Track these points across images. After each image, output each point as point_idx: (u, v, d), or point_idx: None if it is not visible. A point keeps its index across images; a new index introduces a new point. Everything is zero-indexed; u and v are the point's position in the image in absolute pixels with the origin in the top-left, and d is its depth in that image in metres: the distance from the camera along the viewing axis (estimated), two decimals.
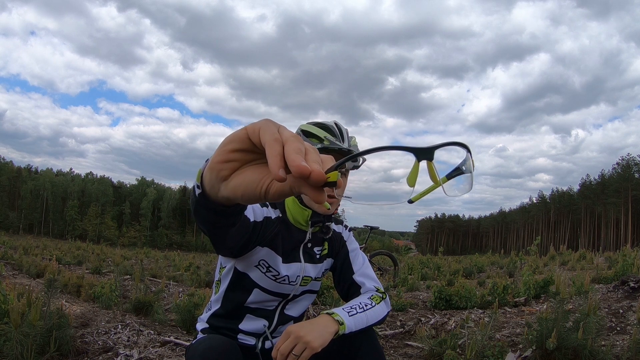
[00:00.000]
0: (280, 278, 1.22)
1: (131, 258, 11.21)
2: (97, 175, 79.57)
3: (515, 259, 8.65)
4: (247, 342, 1.27)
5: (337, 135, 1.25)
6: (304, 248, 1.28)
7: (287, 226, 1.25)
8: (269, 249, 1.20)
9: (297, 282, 1.26)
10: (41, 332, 2.06)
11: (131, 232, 70.09)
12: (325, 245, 1.34)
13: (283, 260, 1.21)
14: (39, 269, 6.29)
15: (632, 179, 63.55)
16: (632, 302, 3.50)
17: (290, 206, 1.26)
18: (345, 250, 1.39)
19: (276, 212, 1.25)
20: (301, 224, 1.26)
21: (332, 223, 1.33)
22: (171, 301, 4.08)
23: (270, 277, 1.21)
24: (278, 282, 1.23)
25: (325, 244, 1.34)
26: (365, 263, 1.40)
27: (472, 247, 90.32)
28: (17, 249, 10.67)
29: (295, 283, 1.26)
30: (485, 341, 2.39)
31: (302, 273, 1.26)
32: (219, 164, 0.48)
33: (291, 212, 1.26)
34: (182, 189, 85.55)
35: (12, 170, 68.55)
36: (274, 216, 1.23)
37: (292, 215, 1.26)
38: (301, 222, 1.26)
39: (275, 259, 1.20)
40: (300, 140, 0.43)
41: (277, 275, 1.22)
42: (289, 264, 1.24)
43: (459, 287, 4.30)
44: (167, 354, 2.52)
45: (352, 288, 1.35)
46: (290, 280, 1.24)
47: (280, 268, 1.21)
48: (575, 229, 74.43)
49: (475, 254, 17.39)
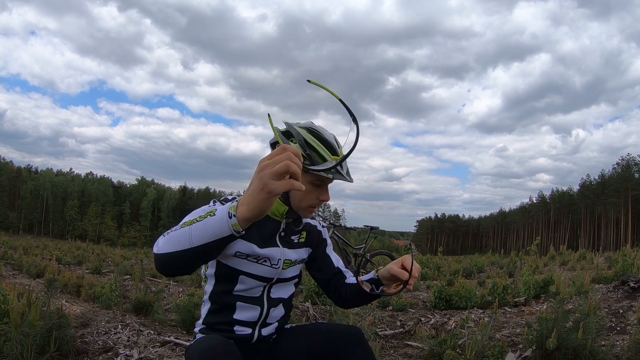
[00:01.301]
0: (261, 259, 1.26)
1: (131, 258, 11.21)
2: (97, 175, 79.76)
3: (515, 259, 8.65)
4: (244, 332, 1.29)
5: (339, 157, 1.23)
6: (279, 236, 1.32)
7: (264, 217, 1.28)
8: (242, 240, 1.22)
9: (279, 265, 1.29)
10: (41, 332, 2.06)
11: (131, 232, 70.15)
12: (303, 235, 1.39)
13: (259, 246, 1.25)
14: (39, 269, 6.29)
15: (632, 179, 63.57)
16: (632, 302, 3.50)
17: None
18: (325, 244, 1.46)
19: None
20: (276, 215, 1.30)
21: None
22: (171, 301, 4.09)
23: (252, 261, 1.25)
24: (260, 263, 1.26)
25: (303, 233, 1.39)
26: (339, 259, 1.48)
27: (472, 247, 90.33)
28: (17, 249, 10.67)
29: (277, 266, 1.29)
30: (485, 341, 2.39)
31: (282, 257, 1.30)
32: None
33: None
34: (182, 189, 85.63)
35: (12, 170, 68.58)
36: None
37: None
38: (277, 214, 1.30)
39: (250, 247, 1.24)
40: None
41: (258, 257, 1.25)
42: (266, 248, 1.27)
43: (459, 287, 4.30)
44: (167, 354, 2.52)
45: (337, 276, 1.42)
46: (272, 262, 1.28)
47: (259, 252, 1.25)
48: (575, 229, 74.44)
49: (475, 254, 17.40)
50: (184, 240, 0.92)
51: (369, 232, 7.32)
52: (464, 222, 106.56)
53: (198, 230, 0.91)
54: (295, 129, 1.27)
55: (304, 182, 1.22)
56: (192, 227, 0.92)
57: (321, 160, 1.23)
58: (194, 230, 0.92)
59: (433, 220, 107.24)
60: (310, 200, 1.27)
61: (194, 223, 0.93)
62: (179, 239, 0.93)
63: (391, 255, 7.60)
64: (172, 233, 0.97)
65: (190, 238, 0.91)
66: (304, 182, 1.23)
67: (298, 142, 1.24)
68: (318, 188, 1.27)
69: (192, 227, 0.92)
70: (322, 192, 1.27)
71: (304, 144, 1.24)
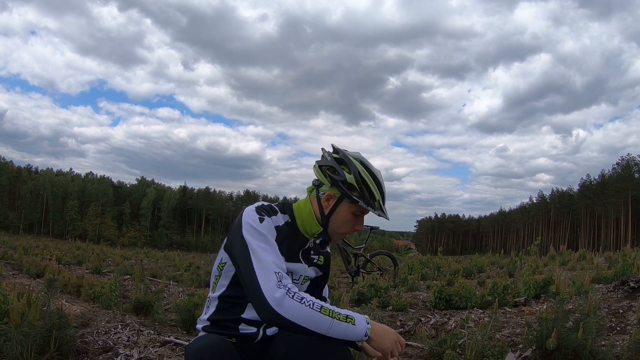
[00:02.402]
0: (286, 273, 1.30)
1: (131, 258, 11.21)
2: (97, 175, 79.68)
3: (515, 259, 8.65)
4: (249, 331, 1.31)
5: (384, 197, 1.34)
6: (302, 252, 1.38)
7: (294, 230, 1.35)
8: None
9: (300, 280, 1.37)
10: (41, 332, 2.06)
11: (131, 232, 70.08)
12: (321, 258, 1.45)
13: (286, 260, 1.28)
14: (39, 269, 6.29)
15: (632, 179, 63.53)
16: (632, 302, 3.50)
17: (305, 217, 1.36)
18: (328, 275, 1.54)
19: (285, 217, 1.34)
20: (307, 233, 1.36)
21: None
22: (171, 301, 4.09)
23: None
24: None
25: (321, 257, 1.45)
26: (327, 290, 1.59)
27: (472, 247, 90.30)
28: (17, 249, 10.68)
29: (298, 282, 1.36)
30: (485, 341, 2.39)
31: (304, 273, 1.37)
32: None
33: (303, 221, 1.36)
34: (182, 189, 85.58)
35: (12, 170, 68.52)
36: (282, 222, 1.32)
37: (303, 223, 1.36)
38: (308, 232, 1.36)
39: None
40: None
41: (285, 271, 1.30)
42: (291, 263, 1.32)
43: (459, 287, 4.30)
44: (167, 354, 2.52)
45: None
46: (294, 277, 1.34)
47: (287, 266, 1.29)
48: (575, 229, 74.41)
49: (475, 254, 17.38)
50: (322, 327, 1.10)
51: (369, 232, 7.32)
52: (464, 222, 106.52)
53: (338, 331, 1.12)
54: (351, 159, 1.32)
55: (347, 211, 1.33)
56: (334, 323, 1.11)
57: (371, 197, 1.29)
58: (335, 327, 1.11)
59: (433, 220, 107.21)
60: (347, 228, 1.34)
61: (335, 317, 1.12)
62: (317, 323, 1.10)
63: (391, 255, 7.60)
64: (308, 310, 1.10)
65: (329, 330, 1.11)
66: (348, 212, 1.32)
67: (353, 174, 1.29)
68: (357, 218, 1.34)
69: (334, 323, 1.11)
70: (358, 223, 1.35)
71: (359, 177, 1.30)
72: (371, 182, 1.30)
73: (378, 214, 1.32)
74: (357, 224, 1.34)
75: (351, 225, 1.34)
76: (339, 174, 1.29)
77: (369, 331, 1.14)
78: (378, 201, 1.29)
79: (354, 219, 1.33)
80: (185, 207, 79.07)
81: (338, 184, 1.29)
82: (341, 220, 1.32)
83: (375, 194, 1.29)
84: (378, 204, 1.30)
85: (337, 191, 1.30)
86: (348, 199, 1.29)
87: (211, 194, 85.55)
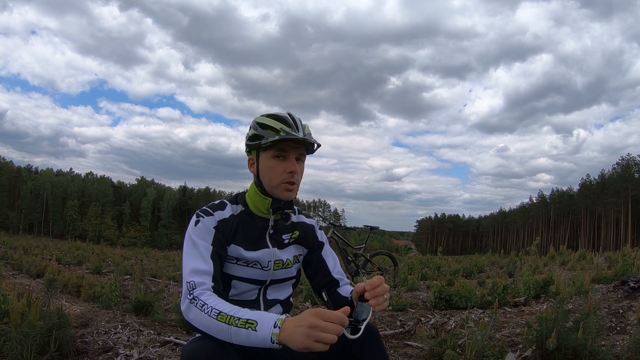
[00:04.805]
0: (251, 262, 1.28)
1: (131, 258, 11.20)
2: (97, 175, 79.75)
3: (515, 259, 8.64)
4: None
5: (292, 125, 1.26)
6: (269, 235, 1.33)
7: (251, 217, 1.32)
8: (233, 245, 1.27)
9: (270, 267, 1.31)
10: (41, 332, 2.06)
11: (131, 232, 70.05)
12: (296, 233, 1.39)
13: (247, 249, 1.27)
14: (39, 269, 6.28)
15: (632, 179, 63.54)
16: (632, 302, 3.50)
17: (252, 196, 1.32)
18: (319, 245, 1.45)
19: (237, 208, 1.32)
20: (263, 212, 1.31)
21: (292, 211, 1.36)
22: (171, 301, 4.08)
23: (242, 265, 1.27)
24: (251, 266, 1.28)
25: (296, 232, 1.39)
26: (337, 261, 1.47)
27: (472, 247, 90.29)
28: (17, 249, 10.67)
29: (268, 268, 1.30)
30: (485, 341, 2.39)
31: (272, 258, 1.31)
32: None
33: (253, 202, 1.32)
34: (182, 189, 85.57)
35: (12, 170, 68.55)
36: (228, 215, 1.29)
37: (254, 204, 1.32)
38: (263, 210, 1.31)
39: (238, 250, 1.26)
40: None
41: (247, 261, 1.27)
42: (255, 251, 1.28)
43: (459, 287, 4.30)
44: (167, 354, 2.52)
45: (331, 283, 1.41)
46: (262, 264, 1.29)
47: (246, 255, 1.27)
48: (575, 229, 74.41)
49: (475, 254, 17.39)
50: (223, 334, 1.01)
51: (369, 232, 7.32)
52: (464, 222, 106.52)
53: (240, 338, 0.99)
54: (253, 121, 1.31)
55: (265, 159, 1.26)
56: (233, 331, 0.99)
57: (274, 132, 1.24)
58: (235, 335, 0.99)
59: (433, 220, 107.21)
60: (279, 175, 1.25)
61: (233, 325, 1.00)
62: (219, 331, 1.02)
63: (391, 255, 7.60)
64: (207, 318, 1.04)
65: (232, 337, 1.00)
66: (266, 159, 1.26)
67: (251, 128, 1.28)
68: (284, 161, 1.26)
69: (233, 331, 0.99)
70: (287, 164, 1.25)
71: (255, 124, 1.27)
72: (267, 120, 1.26)
73: (289, 137, 1.23)
74: (286, 166, 1.25)
75: (279, 170, 1.25)
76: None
77: (275, 337, 0.95)
78: (281, 128, 1.22)
79: (279, 163, 1.25)
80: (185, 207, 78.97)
81: (247, 144, 1.29)
82: (267, 171, 1.26)
83: (274, 125, 1.24)
84: (282, 131, 1.22)
85: (253, 151, 1.30)
86: (258, 150, 1.27)
87: (211, 194, 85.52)
